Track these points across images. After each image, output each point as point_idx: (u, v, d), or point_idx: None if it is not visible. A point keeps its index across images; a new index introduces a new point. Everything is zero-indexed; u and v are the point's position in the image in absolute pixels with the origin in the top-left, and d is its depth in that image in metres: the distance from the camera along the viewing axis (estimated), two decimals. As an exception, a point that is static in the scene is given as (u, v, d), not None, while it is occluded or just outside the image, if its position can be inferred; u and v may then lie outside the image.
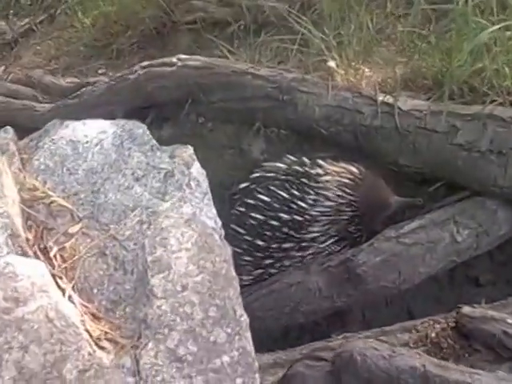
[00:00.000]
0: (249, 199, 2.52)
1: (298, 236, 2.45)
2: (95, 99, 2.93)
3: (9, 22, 3.98)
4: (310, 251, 2.46)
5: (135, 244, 1.45)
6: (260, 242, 2.47)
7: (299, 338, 2.52)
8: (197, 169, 1.59)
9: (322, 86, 2.59)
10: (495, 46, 2.38)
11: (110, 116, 2.82)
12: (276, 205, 2.47)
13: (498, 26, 2.21)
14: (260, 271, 2.49)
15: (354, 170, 2.48)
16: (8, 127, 1.76)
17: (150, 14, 3.39)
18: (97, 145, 1.66)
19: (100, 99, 2.91)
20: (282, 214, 2.46)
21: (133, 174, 1.59)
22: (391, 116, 2.46)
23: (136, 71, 2.83)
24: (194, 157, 1.63)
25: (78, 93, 3.00)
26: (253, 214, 2.50)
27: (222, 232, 1.54)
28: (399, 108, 2.45)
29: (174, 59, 2.79)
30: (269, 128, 2.73)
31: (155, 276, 1.40)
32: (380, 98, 2.50)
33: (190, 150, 1.64)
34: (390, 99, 2.49)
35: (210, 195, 1.56)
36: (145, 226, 1.47)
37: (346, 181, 2.45)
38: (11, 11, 4.11)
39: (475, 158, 2.32)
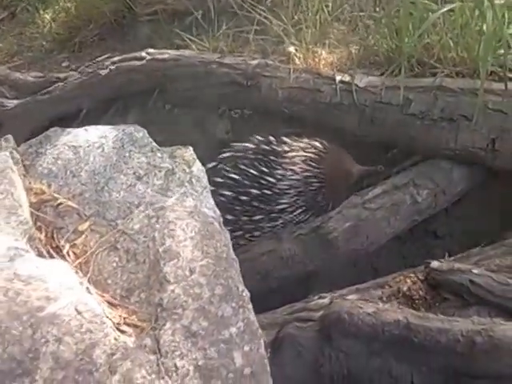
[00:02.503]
0: (217, 178, 2.55)
1: (267, 208, 2.53)
2: (65, 94, 2.95)
3: (-30, 22, 3.95)
4: (280, 221, 2.53)
5: (145, 237, 1.52)
6: (230, 217, 2.48)
7: (273, 300, 2.61)
8: (197, 167, 1.67)
9: (284, 69, 2.67)
10: (439, 23, 2.49)
11: (78, 108, 2.92)
12: (246, 181, 2.54)
13: (445, 9, 2.31)
14: None
15: (318, 144, 2.57)
16: (8, 136, 1.78)
17: (111, 7, 3.41)
18: (98, 148, 1.70)
19: (70, 94, 2.94)
20: (251, 190, 2.53)
21: (134, 173, 1.65)
22: (349, 93, 2.55)
23: (107, 67, 2.87)
24: (195, 156, 1.70)
25: (50, 89, 3.00)
26: (222, 192, 2.53)
27: (221, 220, 1.63)
28: (356, 85, 2.54)
29: (143, 53, 2.85)
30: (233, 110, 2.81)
31: (167, 264, 1.48)
32: (338, 77, 2.59)
33: (191, 150, 1.72)
34: (347, 78, 2.58)
35: (208, 188, 1.65)
36: (153, 221, 1.54)
37: (311, 155, 2.54)
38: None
39: (428, 126, 2.44)
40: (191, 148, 1.77)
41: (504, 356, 1.76)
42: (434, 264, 2.07)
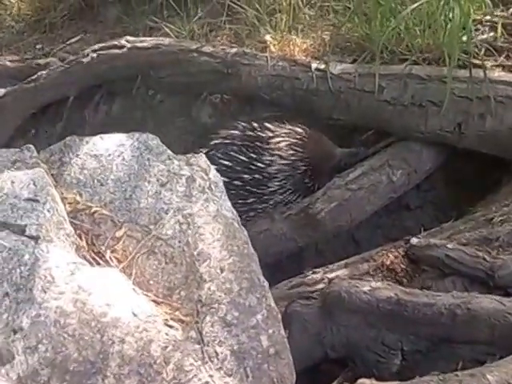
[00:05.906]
0: (212, 165, 2.79)
1: (259, 191, 2.77)
2: (51, 82, 3.07)
3: None
4: (271, 202, 2.79)
5: (179, 241, 1.76)
6: None
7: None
8: (214, 174, 1.90)
9: (262, 57, 2.88)
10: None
11: (64, 96, 3.07)
12: (237, 167, 2.76)
13: (417, 4, 2.55)
14: None
15: (300, 130, 2.81)
16: (30, 145, 1.95)
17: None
18: (118, 157, 1.90)
19: (55, 82, 3.06)
20: (243, 175, 2.75)
21: (157, 180, 1.86)
22: (324, 80, 2.79)
23: (88, 54, 3.00)
24: (209, 163, 1.93)
25: (34, 77, 3.10)
26: None
27: (239, 219, 1.87)
28: (331, 73, 2.78)
29: (123, 41, 2.99)
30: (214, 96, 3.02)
31: (202, 265, 1.73)
32: (313, 65, 2.81)
33: (203, 157, 1.94)
34: (322, 65, 2.81)
35: (225, 192, 1.88)
36: (184, 227, 1.77)
37: (294, 140, 2.78)
38: None
39: (400, 111, 2.72)
40: (203, 155, 1.98)
41: (480, 325, 2.08)
42: (414, 241, 2.37)
